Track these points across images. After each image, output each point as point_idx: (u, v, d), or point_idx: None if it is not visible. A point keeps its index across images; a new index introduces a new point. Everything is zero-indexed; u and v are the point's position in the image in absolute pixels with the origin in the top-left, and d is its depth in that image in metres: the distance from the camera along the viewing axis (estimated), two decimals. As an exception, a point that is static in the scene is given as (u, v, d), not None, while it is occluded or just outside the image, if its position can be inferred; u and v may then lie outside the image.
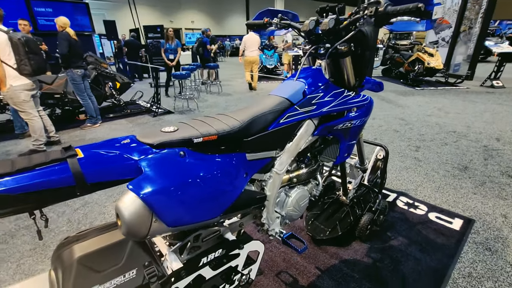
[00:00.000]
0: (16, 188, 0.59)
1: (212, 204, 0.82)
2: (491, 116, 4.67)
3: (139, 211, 0.69)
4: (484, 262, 1.68)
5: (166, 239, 0.99)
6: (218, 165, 0.85)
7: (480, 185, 2.54)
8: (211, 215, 0.84)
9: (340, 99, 1.23)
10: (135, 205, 0.68)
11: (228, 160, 0.89)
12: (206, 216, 0.82)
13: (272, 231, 1.22)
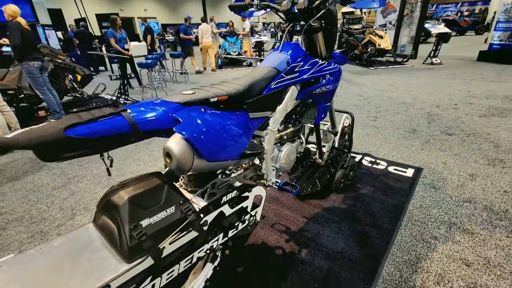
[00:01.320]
0: (90, 134, 0.74)
1: (231, 147, 1.02)
2: (432, 88, 5.40)
3: (184, 148, 0.87)
4: (430, 196, 2.12)
5: (189, 187, 1.17)
6: (231, 118, 1.05)
7: (426, 143, 3.06)
8: (231, 156, 1.04)
9: (316, 67, 1.49)
10: (181, 144, 0.86)
11: (237, 116, 1.10)
12: (228, 156, 1.02)
13: (269, 181, 1.46)
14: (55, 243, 0.92)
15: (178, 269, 1.01)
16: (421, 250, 1.63)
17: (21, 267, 0.81)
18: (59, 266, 0.82)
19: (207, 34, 8.33)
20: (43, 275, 0.79)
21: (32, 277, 0.78)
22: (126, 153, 3.17)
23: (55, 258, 0.85)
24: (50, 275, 0.79)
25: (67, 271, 0.80)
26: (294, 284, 1.45)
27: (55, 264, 0.83)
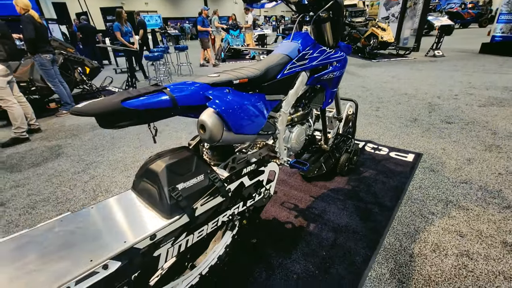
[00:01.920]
0: (141, 106, 0.87)
1: (252, 123, 1.16)
2: (434, 80, 5.49)
3: (216, 120, 1.00)
4: (429, 178, 2.26)
5: (212, 161, 1.31)
6: (251, 99, 1.18)
7: (426, 131, 3.19)
8: (252, 131, 1.18)
9: (324, 55, 1.61)
10: (213, 116, 1.00)
11: (256, 97, 1.23)
12: (250, 131, 1.16)
13: (281, 160, 1.60)
14: (102, 204, 1.07)
15: (206, 230, 1.16)
16: (420, 224, 1.78)
17: (79, 222, 0.96)
18: (111, 222, 0.97)
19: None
20: (99, 228, 0.94)
21: (91, 228, 0.93)
22: (138, 142, 3.32)
23: (105, 215, 1.01)
24: (106, 228, 0.94)
25: (119, 226, 0.95)
26: (304, 252, 1.61)
27: (107, 220, 0.98)
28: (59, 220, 0.97)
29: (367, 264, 1.51)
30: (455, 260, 1.51)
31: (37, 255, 0.81)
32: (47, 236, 0.89)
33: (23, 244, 0.86)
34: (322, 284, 1.41)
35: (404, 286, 1.38)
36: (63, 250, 0.83)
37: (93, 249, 0.84)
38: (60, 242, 0.87)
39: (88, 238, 0.89)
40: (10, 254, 0.82)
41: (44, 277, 0.74)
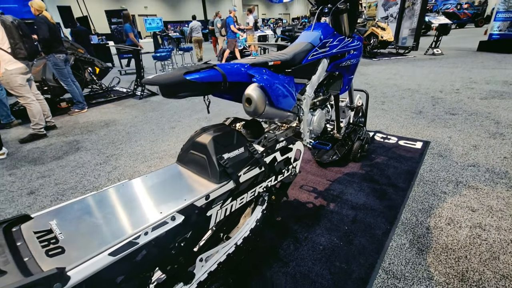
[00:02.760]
0: (199, 79, 0.98)
1: (286, 100, 1.27)
2: (435, 76, 5.64)
3: (260, 94, 1.12)
4: (438, 163, 2.38)
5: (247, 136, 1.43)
6: (285, 79, 1.30)
7: (431, 121, 3.31)
8: (287, 107, 1.29)
9: (343, 43, 1.74)
10: (258, 90, 1.12)
11: (288, 78, 1.35)
12: (285, 106, 1.28)
13: (305, 141, 1.72)
14: (153, 174, 1.18)
15: (246, 198, 1.27)
16: (433, 201, 1.90)
17: (139, 186, 1.07)
18: (168, 185, 1.08)
19: (198, 30, 9.87)
20: (159, 190, 1.05)
21: (152, 190, 1.04)
22: (154, 136, 3.42)
23: (160, 181, 1.12)
24: (165, 190, 1.05)
25: (176, 188, 1.07)
26: (327, 227, 1.72)
27: (164, 184, 1.09)
28: (121, 184, 1.08)
29: (388, 236, 1.62)
30: (469, 231, 1.62)
31: (115, 209, 0.92)
32: (116, 196, 1.00)
33: (100, 200, 0.97)
34: (348, 253, 1.52)
35: (424, 253, 1.49)
36: (135, 206, 0.94)
37: (159, 205, 0.95)
38: (130, 200, 0.98)
39: (151, 197, 1.00)
40: (92, 208, 0.93)
41: (127, 223, 0.85)
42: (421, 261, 1.45)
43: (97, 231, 0.83)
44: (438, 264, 1.43)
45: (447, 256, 1.47)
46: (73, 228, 0.84)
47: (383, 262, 1.46)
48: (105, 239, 0.78)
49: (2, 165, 2.85)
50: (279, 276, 1.41)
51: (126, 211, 0.92)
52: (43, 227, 0.83)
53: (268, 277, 1.41)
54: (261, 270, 1.46)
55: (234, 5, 18.49)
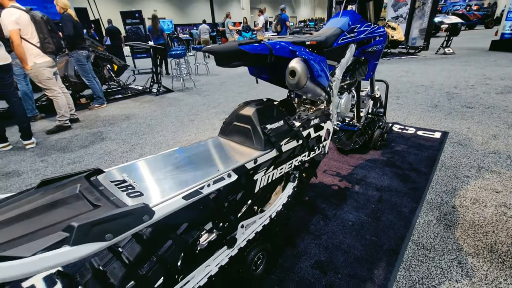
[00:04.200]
0: (250, 49, 1.07)
1: (324, 76, 1.35)
2: (448, 73, 5.65)
3: (304, 67, 1.20)
4: (459, 150, 2.42)
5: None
6: (321, 58, 1.38)
7: (448, 114, 3.35)
8: (324, 83, 1.37)
9: (370, 29, 1.81)
10: (302, 63, 1.20)
11: (323, 57, 1.43)
12: (323, 83, 1.35)
13: (333, 123, 1.79)
14: (200, 143, 1.26)
15: (284, 169, 1.35)
16: (457, 184, 1.94)
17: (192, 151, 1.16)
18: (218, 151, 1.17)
19: (205, 32, 11.23)
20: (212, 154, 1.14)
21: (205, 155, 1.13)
22: (174, 128, 3.53)
23: (210, 148, 1.20)
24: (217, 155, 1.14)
25: (227, 153, 1.15)
26: (353, 205, 1.78)
27: (214, 150, 1.18)
28: (175, 150, 1.17)
29: (414, 213, 1.67)
30: (494, 210, 1.66)
31: (176, 166, 1.01)
32: (174, 157, 1.09)
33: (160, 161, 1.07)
34: (377, 228, 1.58)
35: (451, 228, 1.54)
36: (193, 165, 1.03)
37: (215, 165, 1.03)
38: (187, 161, 1.07)
39: (206, 160, 1.09)
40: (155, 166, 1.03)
41: (190, 177, 0.94)
42: (449, 235, 1.50)
43: (166, 182, 0.91)
44: (466, 237, 1.47)
45: (474, 231, 1.51)
46: (144, 180, 0.93)
47: (412, 235, 1.51)
48: (176, 187, 0.87)
49: (33, 153, 2.98)
50: (312, 247, 1.48)
51: (186, 168, 1.01)
52: (117, 178, 0.92)
53: (301, 247, 1.48)
54: (294, 242, 1.53)
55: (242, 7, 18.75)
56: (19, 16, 3.01)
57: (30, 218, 0.69)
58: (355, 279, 1.27)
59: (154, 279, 0.93)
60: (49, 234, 0.63)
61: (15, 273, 0.53)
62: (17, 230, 0.64)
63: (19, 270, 0.53)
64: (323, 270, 1.33)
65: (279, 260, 1.41)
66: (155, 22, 7.22)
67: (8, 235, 0.62)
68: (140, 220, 0.71)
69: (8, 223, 0.67)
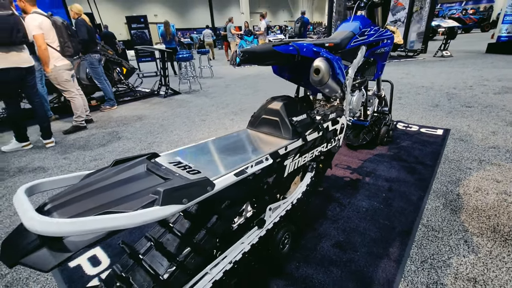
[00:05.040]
0: (281, 50, 1.22)
1: (341, 76, 1.51)
2: (446, 75, 5.84)
3: (327, 65, 1.35)
4: (461, 145, 2.58)
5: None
6: (338, 58, 1.53)
7: (449, 113, 3.51)
8: (342, 81, 1.53)
9: (379, 33, 1.97)
10: (325, 62, 1.35)
11: (339, 58, 1.59)
12: (342, 79, 1.51)
13: (346, 118, 1.94)
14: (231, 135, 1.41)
15: (307, 157, 1.50)
16: (460, 175, 2.09)
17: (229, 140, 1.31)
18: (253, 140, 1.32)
19: (208, 36, 12.19)
20: (247, 143, 1.28)
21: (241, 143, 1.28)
22: (187, 127, 3.67)
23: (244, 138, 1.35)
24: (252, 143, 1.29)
25: (260, 142, 1.30)
26: (366, 194, 1.92)
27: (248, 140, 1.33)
28: (213, 139, 1.32)
29: (422, 200, 1.82)
30: (496, 196, 1.81)
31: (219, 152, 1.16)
32: (213, 146, 1.24)
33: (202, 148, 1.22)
34: (389, 213, 1.72)
35: (457, 213, 1.69)
36: (234, 151, 1.18)
37: (252, 151, 1.18)
38: (227, 148, 1.22)
39: (243, 147, 1.24)
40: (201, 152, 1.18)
41: (235, 160, 1.08)
42: (455, 218, 1.65)
43: (216, 163, 1.06)
44: (471, 220, 1.62)
45: (478, 215, 1.66)
46: (197, 161, 1.07)
47: (422, 219, 1.66)
48: (225, 167, 1.01)
49: (54, 151, 3.11)
50: (330, 230, 1.62)
51: (229, 153, 1.15)
52: (173, 160, 1.06)
53: (321, 230, 1.62)
54: (313, 226, 1.67)
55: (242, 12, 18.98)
56: (42, 21, 3.16)
57: (118, 187, 0.83)
58: (372, 256, 1.41)
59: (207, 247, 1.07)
60: (139, 198, 0.77)
61: (123, 223, 0.67)
62: (112, 195, 0.79)
63: (127, 221, 0.67)
64: (343, 249, 1.47)
65: (302, 242, 1.55)
66: (167, 27, 7.80)
67: (106, 199, 0.77)
68: (205, 190, 0.86)
69: (103, 190, 0.81)
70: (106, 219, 0.65)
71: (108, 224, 0.65)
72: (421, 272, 1.31)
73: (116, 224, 0.66)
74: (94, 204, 0.74)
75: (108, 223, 0.65)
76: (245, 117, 3.84)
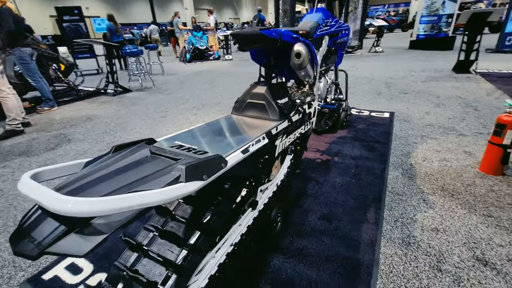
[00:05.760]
0: (268, 33, 1.26)
1: (316, 60, 1.62)
2: (381, 68, 6.61)
3: (306, 49, 1.44)
4: (405, 125, 2.99)
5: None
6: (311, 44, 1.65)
7: (390, 99, 4.01)
8: (317, 65, 1.64)
9: (338, 24, 2.16)
10: (304, 46, 1.43)
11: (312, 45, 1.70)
12: (316, 65, 1.62)
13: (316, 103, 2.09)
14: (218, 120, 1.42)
15: (291, 139, 1.58)
16: (409, 149, 2.44)
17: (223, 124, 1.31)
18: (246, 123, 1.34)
19: (156, 31, 11.81)
20: (242, 125, 1.30)
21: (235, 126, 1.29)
22: (148, 124, 3.47)
23: (235, 122, 1.37)
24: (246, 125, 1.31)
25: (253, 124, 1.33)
26: (338, 172, 2.11)
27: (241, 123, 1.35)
28: (202, 125, 1.31)
29: (385, 171, 2.08)
30: (438, 163, 2.17)
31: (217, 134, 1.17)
32: (208, 129, 1.23)
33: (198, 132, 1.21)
34: (360, 185, 1.93)
35: (413, 179, 1.98)
36: (231, 133, 1.19)
37: (248, 132, 1.21)
38: (222, 131, 1.22)
39: (236, 130, 1.26)
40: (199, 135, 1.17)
41: (237, 140, 1.10)
42: (412, 183, 1.93)
43: (218, 144, 1.07)
44: (424, 183, 1.92)
45: (429, 179, 1.97)
46: (198, 143, 1.06)
47: (387, 187, 1.90)
48: (230, 146, 1.03)
49: (-14, 161, 2.64)
50: (314, 205, 1.75)
51: (225, 135, 1.17)
52: (174, 144, 1.03)
53: (306, 206, 1.74)
54: (298, 204, 1.77)
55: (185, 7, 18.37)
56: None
57: (132, 169, 0.79)
58: (354, 223, 1.58)
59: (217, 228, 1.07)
60: (159, 178, 0.75)
61: (156, 199, 0.65)
62: (129, 177, 0.74)
63: (159, 197, 0.65)
64: (328, 220, 1.61)
65: (291, 219, 1.65)
66: (115, 21, 7.36)
67: (125, 181, 0.72)
68: (220, 166, 0.87)
69: (117, 173, 0.76)
70: (140, 196, 0.62)
71: (142, 200, 0.62)
72: (395, 230, 1.52)
73: (150, 200, 0.63)
74: (115, 186, 0.70)
75: (142, 199, 0.62)
76: (209, 111, 3.79)
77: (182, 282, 0.94)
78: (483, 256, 1.32)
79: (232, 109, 1.54)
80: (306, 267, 1.31)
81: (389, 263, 1.31)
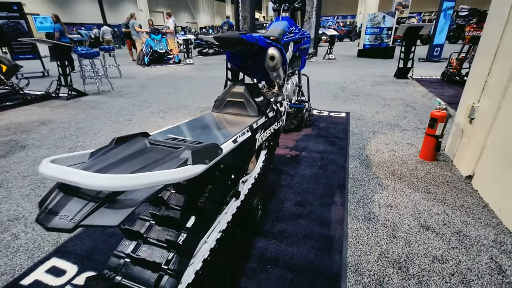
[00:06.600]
0: (247, 38, 1.39)
1: (286, 64, 1.81)
2: (335, 73, 7.23)
3: (279, 53, 1.61)
4: (359, 122, 3.38)
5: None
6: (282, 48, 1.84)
7: (345, 101, 4.46)
8: (286, 69, 1.83)
9: (301, 31, 2.41)
10: (277, 50, 1.60)
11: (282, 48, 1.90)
12: (286, 68, 1.81)
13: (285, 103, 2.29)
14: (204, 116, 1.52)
15: (267, 134, 1.74)
16: (364, 142, 2.78)
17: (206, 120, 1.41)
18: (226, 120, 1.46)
19: (108, 33, 11.90)
20: (226, 121, 1.42)
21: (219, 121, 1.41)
22: (113, 128, 3.35)
23: (216, 118, 1.48)
24: (228, 121, 1.43)
25: (235, 120, 1.46)
26: (306, 165, 2.33)
27: (222, 119, 1.46)
28: (187, 121, 1.40)
29: (345, 162, 2.36)
30: (388, 154, 2.53)
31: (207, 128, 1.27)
32: (196, 124, 1.33)
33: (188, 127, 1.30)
34: (327, 175, 2.17)
35: (369, 167, 2.29)
36: (217, 127, 1.31)
37: (233, 127, 1.34)
38: (208, 126, 1.33)
39: (221, 125, 1.38)
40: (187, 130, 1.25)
41: (226, 132, 1.22)
42: (369, 171, 2.23)
43: (209, 136, 1.18)
44: (378, 170, 2.24)
45: (381, 166, 2.30)
46: (191, 136, 1.16)
47: (349, 175, 2.17)
48: (223, 137, 1.15)
49: None
50: (288, 194, 1.93)
51: (213, 129, 1.29)
52: (167, 137, 1.11)
53: (281, 196, 1.91)
54: (274, 194, 1.94)
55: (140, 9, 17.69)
56: None
57: (140, 156, 0.87)
58: (325, 206, 1.79)
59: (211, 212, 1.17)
60: (167, 162, 0.84)
61: (173, 177, 0.74)
62: (140, 162, 0.82)
63: (175, 175, 0.75)
64: (302, 205, 1.80)
65: (269, 207, 1.80)
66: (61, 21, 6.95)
67: (138, 165, 0.80)
68: (217, 153, 0.98)
69: (128, 159, 0.83)
70: (162, 174, 0.72)
71: (164, 177, 0.71)
72: (358, 209, 1.77)
73: (170, 177, 0.73)
74: (133, 168, 0.77)
75: (164, 176, 0.72)
76: (176, 114, 3.78)
77: (184, 261, 1.02)
78: (426, 223, 1.63)
79: (212, 107, 1.64)
80: (288, 246, 1.47)
81: (356, 236, 1.54)
